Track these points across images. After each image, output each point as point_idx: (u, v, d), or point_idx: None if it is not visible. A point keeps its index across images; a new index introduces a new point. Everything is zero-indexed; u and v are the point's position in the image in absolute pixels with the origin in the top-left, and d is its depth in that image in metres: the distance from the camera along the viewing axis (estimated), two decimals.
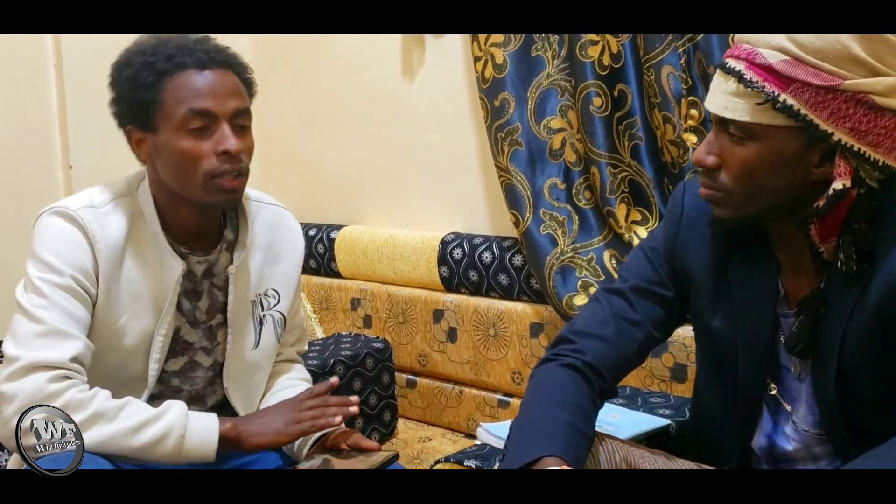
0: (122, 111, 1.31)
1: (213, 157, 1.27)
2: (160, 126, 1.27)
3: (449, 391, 2.24)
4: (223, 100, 1.28)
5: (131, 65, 1.28)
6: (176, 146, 1.26)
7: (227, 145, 1.27)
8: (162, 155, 1.29)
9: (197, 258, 1.37)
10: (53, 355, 1.20)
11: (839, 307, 1.09)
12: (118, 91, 1.30)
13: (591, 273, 1.88)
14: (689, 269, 1.22)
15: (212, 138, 1.27)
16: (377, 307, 2.35)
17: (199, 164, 1.27)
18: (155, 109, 1.27)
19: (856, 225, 1.06)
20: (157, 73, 1.26)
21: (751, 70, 1.02)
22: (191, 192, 1.29)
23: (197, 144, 1.26)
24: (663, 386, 1.80)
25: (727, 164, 1.08)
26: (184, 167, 1.27)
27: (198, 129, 1.26)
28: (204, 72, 1.27)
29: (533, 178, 1.95)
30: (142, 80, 1.26)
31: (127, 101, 1.29)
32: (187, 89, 1.26)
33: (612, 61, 1.84)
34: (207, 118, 1.27)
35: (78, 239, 1.27)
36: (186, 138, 1.26)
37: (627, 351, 1.21)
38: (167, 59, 1.27)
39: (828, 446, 1.16)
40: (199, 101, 1.26)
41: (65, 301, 1.24)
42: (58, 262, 1.25)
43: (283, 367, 1.55)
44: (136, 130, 1.31)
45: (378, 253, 2.33)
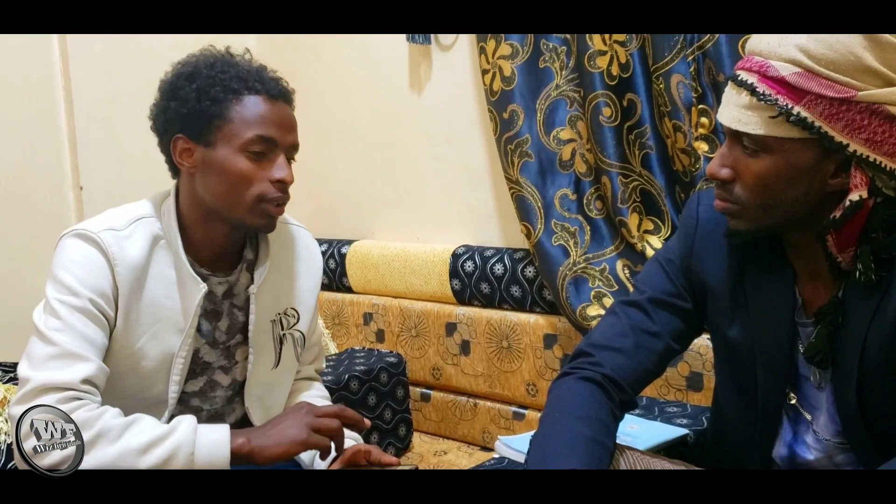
0: (177, 119, 1.30)
1: (266, 182, 1.29)
2: (218, 142, 1.29)
3: (463, 404, 2.23)
4: (286, 132, 1.32)
5: (200, 76, 1.29)
6: (233, 164, 1.28)
7: (282, 174, 1.30)
8: (212, 170, 1.29)
9: (218, 279, 1.38)
10: (64, 377, 1.20)
11: (858, 316, 1.09)
12: (180, 98, 1.29)
13: (605, 283, 1.88)
14: (706, 280, 1.22)
15: (268, 164, 1.30)
16: (390, 321, 2.35)
17: (251, 186, 1.29)
18: (218, 125, 1.28)
19: (873, 234, 1.05)
20: (231, 91, 1.28)
21: (763, 83, 1.02)
22: (233, 211, 1.30)
23: (254, 168, 1.29)
24: (679, 395, 1.80)
25: (742, 177, 1.08)
26: (235, 186, 1.29)
27: (258, 153, 1.29)
28: (276, 102, 1.31)
29: (543, 189, 1.95)
30: (212, 93, 1.28)
31: (190, 110, 1.28)
32: (257, 115, 1.29)
33: (621, 71, 1.84)
34: (269, 145, 1.30)
35: (98, 262, 1.27)
36: (246, 160, 1.28)
37: (647, 363, 1.20)
38: (240, 79, 1.29)
39: (850, 455, 1.16)
40: (268, 128, 1.29)
41: (80, 323, 1.24)
42: (76, 285, 1.25)
43: (301, 386, 1.55)
44: (186, 140, 1.30)
45: (389, 267, 2.33)
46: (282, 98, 1.33)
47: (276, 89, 1.32)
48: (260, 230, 1.36)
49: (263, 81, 1.31)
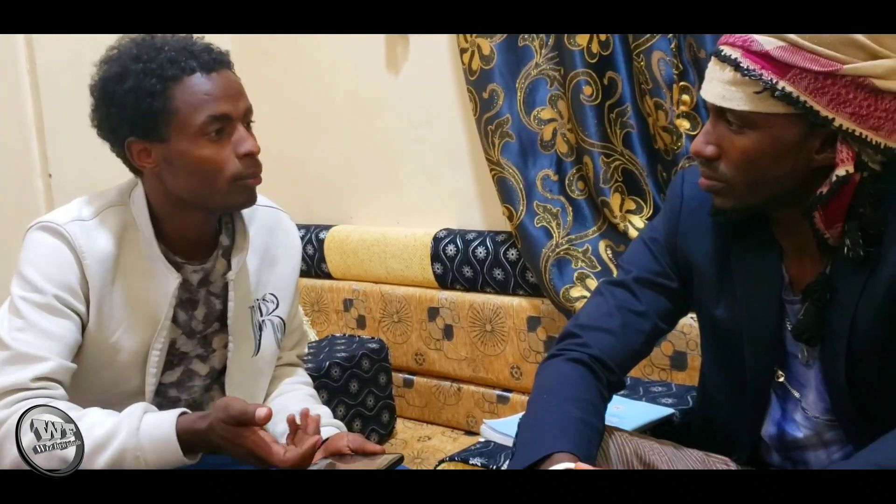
0: (122, 124, 1.23)
1: (234, 160, 1.24)
2: (172, 135, 1.22)
3: (447, 389, 2.21)
4: (235, 101, 1.25)
5: (129, 73, 1.21)
6: (196, 154, 1.22)
7: (248, 147, 1.24)
8: (176, 164, 1.24)
9: (193, 267, 1.34)
10: (12, 379, 1.17)
11: (846, 292, 1.08)
12: (118, 104, 1.22)
13: (587, 264, 1.86)
14: (692, 259, 1.20)
15: (229, 141, 1.24)
16: (370, 307, 2.32)
17: (222, 169, 1.23)
18: (165, 119, 1.21)
19: (861, 209, 1.04)
20: (164, 79, 1.21)
21: (747, 58, 1.00)
22: (213, 198, 1.26)
23: (217, 150, 1.23)
24: (664, 375, 1.79)
25: (726, 154, 1.06)
26: (206, 174, 1.23)
27: (216, 134, 1.23)
28: (212, 74, 1.23)
29: (525, 170, 1.93)
30: (148, 88, 1.20)
31: (131, 112, 1.21)
32: (201, 94, 1.22)
33: (601, 49, 1.82)
34: (224, 122, 1.23)
35: (65, 256, 1.23)
36: (207, 145, 1.22)
37: (634, 343, 1.19)
38: (170, 63, 1.21)
39: (838, 432, 1.15)
40: (217, 105, 1.22)
41: (44, 321, 1.21)
42: (40, 280, 1.21)
43: (283, 372, 1.52)
44: (138, 142, 1.24)
45: (369, 252, 2.30)
46: (219, 67, 1.25)
47: (211, 60, 1.24)
48: (241, 207, 1.32)
49: (195, 56, 1.23)
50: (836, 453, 1.16)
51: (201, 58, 1.24)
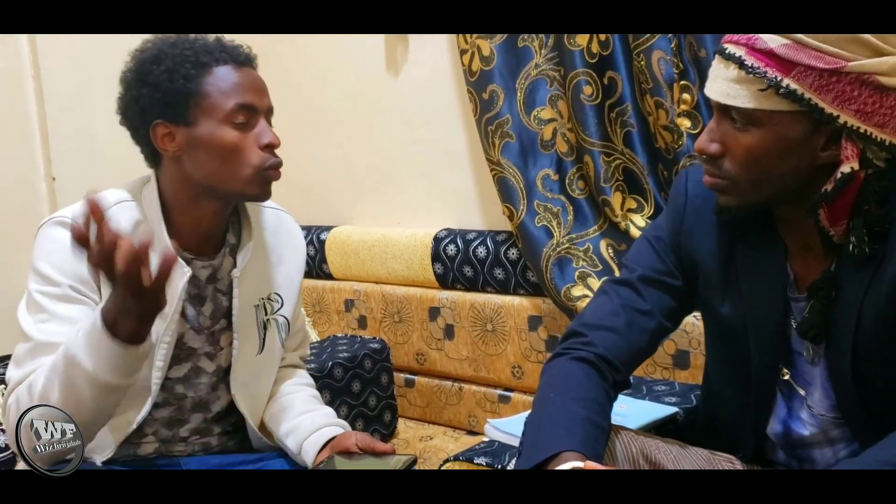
0: (153, 105, 1.28)
1: (257, 150, 1.29)
2: (200, 118, 1.27)
3: (448, 389, 2.22)
4: (262, 96, 1.32)
5: (167, 57, 1.27)
6: (220, 138, 1.27)
7: (270, 138, 1.30)
8: (200, 148, 1.28)
9: (202, 262, 1.36)
10: (33, 367, 1.19)
11: (852, 290, 1.08)
12: (151, 84, 1.27)
13: (589, 263, 1.87)
14: (696, 257, 1.21)
15: (252, 132, 1.29)
16: (372, 307, 2.32)
17: (243, 156, 1.28)
18: (196, 102, 1.27)
19: (866, 206, 1.04)
20: (199, 65, 1.27)
21: (751, 56, 1.01)
22: (230, 184, 1.29)
23: (241, 137, 1.28)
24: (666, 373, 1.79)
25: (731, 152, 1.07)
26: (228, 158, 1.27)
27: (241, 122, 1.28)
28: (242, 68, 1.30)
29: (525, 170, 1.93)
30: (183, 71, 1.26)
31: (162, 92, 1.26)
32: (232, 84, 1.28)
33: (601, 49, 1.82)
34: (250, 112, 1.29)
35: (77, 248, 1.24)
36: (231, 131, 1.27)
37: (639, 341, 1.19)
38: (207, 52, 1.28)
39: (844, 430, 1.15)
40: (245, 95, 1.28)
41: (62, 309, 1.23)
42: (54, 274, 1.24)
43: (286, 373, 1.53)
44: (165, 125, 1.28)
45: (370, 252, 2.31)
46: (248, 63, 1.33)
47: (242, 56, 1.32)
48: (257, 199, 1.35)
49: (228, 51, 1.31)
50: (843, 451, 1.16)
51: (233, 52, 1.31)
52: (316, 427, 1.39)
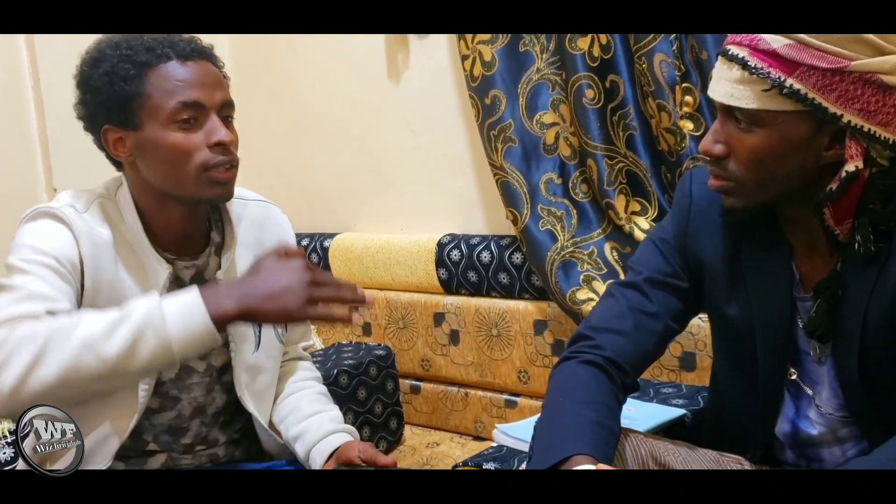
0: (97, 110, 1.24)
1: (205, 149, 1.22)
2: (145, 121, 1.22)
3: (454, 394, 2.21)
4: (211, 91, 1.24)
5: (106, 58, 1.22)
6: (165, 141, 1.21)
7: (219, 136, 1.22)
8: (148, 152, 1.23)
9: (184, 263, 1.33)
10: (26, 309, 1.12)
11: (858, 288, 1.08)
12: (93, 88, 1.23)
13: (593, 266, 1.86)
14: (702, 259, 1.21)
15: (201, 130, 1.23)
16: (376, 314, 2.32)
17: (191, 157, 1.22)
18: (138, 104, 1.21)
19: (871, 205, 1.05)
20: (139, 65, 1.21)
21: (755, 56, 1.01)
22: (182, 188, 1.24)
23: (187, 137, 1.22)
24: (672, 376, 1.79)
25: (735, 153, 1.07)
26: (175, 161, 1.22)
27: (187, 121, 1.22)
28: (188, 63, 1.23)
29: (528, 174, 1.93)
30: (122, 73, 1.21)
31: (105, 97, 1.22)
32: (174, 81, 1.21)
33: (602, 52, 1.82)
34: (197, 110, 1.22)
35: (65, 234, 1.22)
36: (176, 132, 1.21)
37: (647, 344, 1.19)
38: (147, 50, 1.22)
39: (853, 428, 1.15)
40: (189, 92, 1.22)
41: (50, 277, 1.18)
42: (43, 246, 1.19)
43: (291, 367, 1.51)
44: (114, 130, 1.24)
45: (374, 259, 2.31)
46: (198, 56, 1.25)
47: (189, 49, 1.25)
48: (216, 200, 1.30)
49: (173, 45, 1.24)
50: (851, 450, 1.16)
51: (178, 46, 1.24)
52: (323, 434, 1.38)
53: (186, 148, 1.22)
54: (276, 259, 1.12)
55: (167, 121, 1.21)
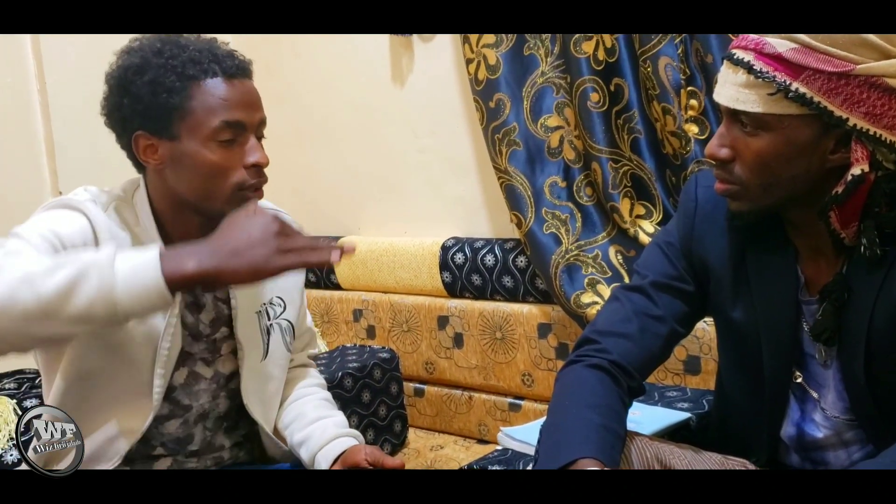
0: (134, 116, 1.22)
1: (241, 169, 1.23)
2: (183, 134, 1.21)
3: (458, 397, 2.21)
4: (252, 111, 1.25)
5: (151, 67, 1.21)
6: (204, 157, 1.21)
7: (256, 158, 1.23)
8: (182, 164, 1.22)
9: None
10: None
11: (864, 292, 1.08)
12: (133, 95, 1.21)
13: (598, 270, 1.87)
14: (707, 262, 1.21)
15: (239, 149, 1.23)
16: (380, 317, 2.32)
17: (227, 176, 1.22)
18: (179, 116, 1.20)
19: (876, 209, 1.05)
20: (185, 77, 1.20)
21: (760, 60, 1.01)
22: (212, 203, 1.24)
23: (226, 156, 1.22)
24: (677, 379, 1.79)
25: (741, 157, 1.07)
26: (210, 178, 1.22)
27: (227, 140, 1.22)
28: (233, 81, 1.23)
29: (533, 177, 1.94)
30: (167, 84, 1.20)
31: (145, 105, 1.20)
32: (218, 98, 1.21)
33: (607, 56, 1.83)
34: (238, 130, 1.22)
35: (84, 226, 1.20)
36: (216, 149, 1.21)
37: (653, 347, 1.19)
38: (193, 63, 1.21)
39: (858, 432, 1.15)
40: (232, 112, 1.22)
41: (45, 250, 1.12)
42: (57, 229, 1.16)
43: (297, 374, 1.51)
44: (146, 136, 1.23)
45: (378, 262, 2.31)
46: (241, 74, 1.25)
47: (233, 66, 1.24)
48: None
49: (219, 60, 1.23)
50: (857, 453, 1.16)
51: (224, 63, 1.23)
52: (327, 439, 1.38)
53: (225, 167, 1.21)
54: (244, 216, 1.06)
55: (207, 137, 1.21)
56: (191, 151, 1.21)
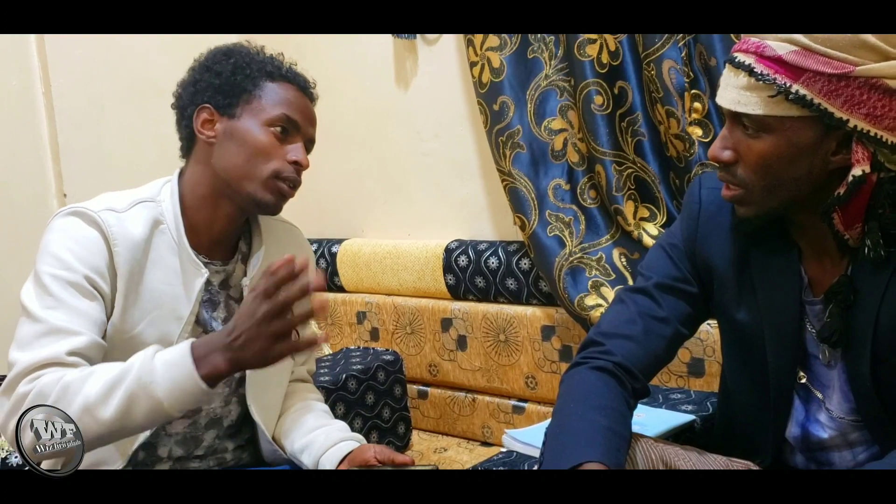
0: (206, 89, 1.33)
1: (283, 160, 1.31)
2: (244, 114, 1.32)
3: (462, 400, 2.22)
4: (309, 124, 1.37)
5: (238, 54, 1.34)
6: (255, 136, 1.30)
7: (299, 156, 1.33)
8: (234, 139, 1.31)
9: (215, 267, 1.37)
10: (47, 353, 1.16)
11: (869, 293, 1.08)
12: (214, 71, 1.33)
13: (601, 272, 1.87)
14: (711, 263, 1.21)
15: (287, 145, 1.33)
16: (384, 319, 2.33)
17: (270, 159, 1.30)
18: (246, 99, 1.32)
19: (880, 210, 1.05)
20: (264, 71, 1.33)
21: (761, 63, 1.02)
22: (246, 183, 1.31)
23: (275, 144, 1.31)
24: (681, 382, 1.79)
25: (744, 159, 1.08)
26: (255, 156, 1.30)
27: (280, 132, 1.32)
28: (301, 94, 1.36)
29: (536, 180, 1.94)
30: (247, 69, 1.32)
31: (221, 81, 1.32)
32: (287, 98, 1.33)
33: (611, 59, 1.83)
34: (293, 128, 1.33)
35: (96, 240, 1.24)
36: (268, 134, 1.31)
37: (657, 349, 1.20)
38: (275, 66, 1.35)
39: (864, 433, 1.15)
40: (295, 112, 1.33)
41: (73, 299, 1.21)
42: (71, 259, 1.22)
43: (295, 388, 1.53)
44: (210, 111, 1.32)
45: (381, 265, 2.31)
46: (309, 95, 1.39)
47: (307, 85, 1.38)
48: (266, 208, 1.35)
49: (294, 74, 1.37)
50: (862, 454, 1.16)
51: (298, 78, 1.37)
52: (332, 442, 1.39)
53: (270, 149, 1.31)
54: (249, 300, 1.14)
55: (266, 122, 1.31)
56: (245, 128, 1.31)
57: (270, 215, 1.39)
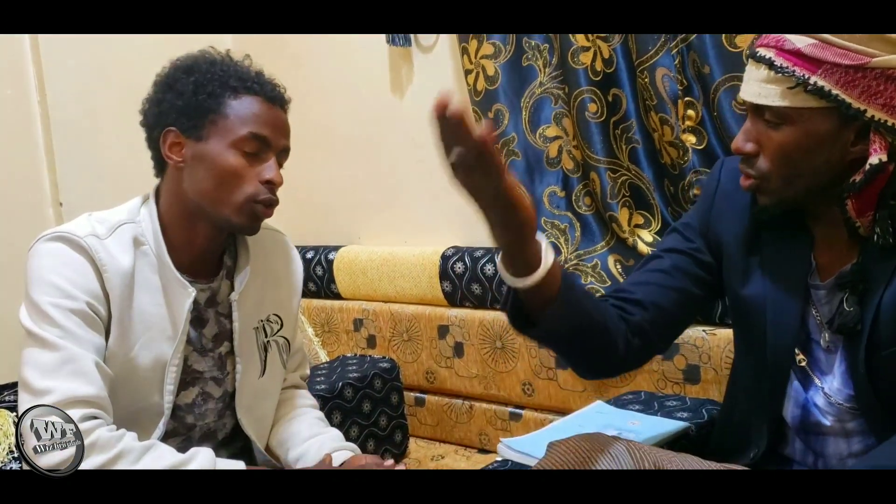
0: (170, 111, 1.29)
1: (256, 182, 1.28)
2: (211, 136, 1.27)
3: (459, 407, 2.22)
4: (279, 135, 1.31)
5: (199, 70, 1.29)
6: (224, 160, 1.27)
7: (272, 174, 1.29)
8: (203, 164, 1.28)
9: (200, 286, 1.35)
10: (88, 390, 1.18)
11: (875, 280, 1.11)
12: (176, 90, 1.29)
13: (597, 279, 1.87)
14: (722, 239, 1.25)
15: (258, 164, 1.29)
16: (380, 326, 2.33)
17: (241, 183, 1.28)
18: (212, 119, 1.28)
19: (892, 200, 1.08)
20: (227, 87, 1.29)
21: (780, 56, 1.06)
22: (220, 209, 1.28)
23: (245, 166, 1.28)
24: (677, 388, 1.79)
25: (765, 150, 1.11)
26: (226, 182, 1.27)
27: (249, 152, 1.28)
28: (269, 104, 1.31)
29: (532, 187, 1.95)
30: (210, 88, 1.28)
31: (184, 102, 1.28)
32: (253, 114, 1.29)
33: (605, 66, 1.84)
34: (262, 145, 1.29)
35: (87, 266, 1.24)
36: (237, 157, 1.27)
37: (667, 294, 1.24)
38: (239, 79, 1.30)
39: (860, 421, 1.17)
40: (262, 128, 1.29)
41: (79, 329, 1.21)
42: (69, 287, 1.21)
43: (289, 394, 1.53)
44: (177, 134, 1.29)
45: (378, 272, 2.31)
46: (278, 102, 1.33)
47: (274, 93, 1.33)
48: (243, 231, 1.34)
49: (262, 84, 1.32)
50: (857, 444, 1.18)
51: (265, 87, 1.32)
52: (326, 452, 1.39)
53: (242, 172, 1.27)
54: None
55: (233, 143, 1.27)
56: (213, 153, 1.27)
57: (249, 235, 1.37)
